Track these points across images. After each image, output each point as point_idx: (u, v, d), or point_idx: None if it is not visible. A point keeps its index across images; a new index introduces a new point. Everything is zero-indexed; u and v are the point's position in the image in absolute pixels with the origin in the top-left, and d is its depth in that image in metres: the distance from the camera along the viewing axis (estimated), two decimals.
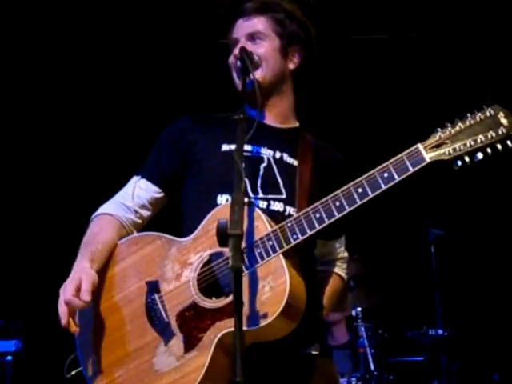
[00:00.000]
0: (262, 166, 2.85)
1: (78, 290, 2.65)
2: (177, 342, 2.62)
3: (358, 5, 6.45)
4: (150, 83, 6.90)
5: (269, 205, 2.77)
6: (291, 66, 3.01)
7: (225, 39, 3.11)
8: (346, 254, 3.17)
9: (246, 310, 2.47)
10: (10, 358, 5.75)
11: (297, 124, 3.08)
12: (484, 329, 7.14)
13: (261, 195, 2.79)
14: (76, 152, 7.02)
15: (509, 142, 2.48)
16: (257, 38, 2.96)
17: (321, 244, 3.02)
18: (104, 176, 6.23)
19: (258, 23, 2.98)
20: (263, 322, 2.46)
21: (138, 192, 2.97)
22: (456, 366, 6.45)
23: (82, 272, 2.70)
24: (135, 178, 3.01)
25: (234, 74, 2.98)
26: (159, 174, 2.98)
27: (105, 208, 2.97)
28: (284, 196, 2.79)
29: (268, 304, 2.47)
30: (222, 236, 2.28)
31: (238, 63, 2.86)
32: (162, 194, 2.98)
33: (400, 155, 2.54)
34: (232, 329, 2.34)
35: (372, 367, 6.02)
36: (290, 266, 2.55)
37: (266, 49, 2.95)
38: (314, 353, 2.80)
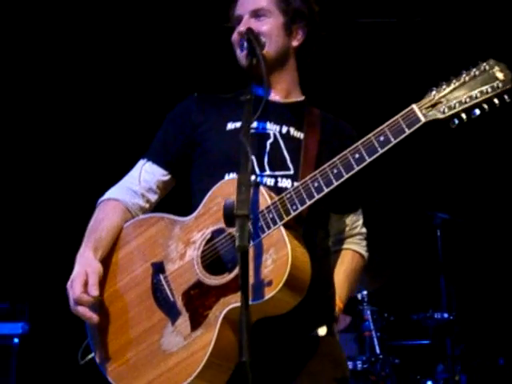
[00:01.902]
0: (269, 142, 2.84)
1: (86, 284, 2.67)
2: (183, 321, 2.63)
3: None
4: (154, 67, 6.89)
5: (276, 182, 2.76)
6: (295, 43, 3.00)
7: (228, 22, 3.10)
8: (364, 230, 3.11)
9: (249, 284, 2.42)
10: (16, 340, 5.77)
11: (302, 97, 3.06)
12: (489, 313, 7.14)
13: (268, 172, 2.77)
14: (83, 136, 7.02)
15: (506, 97, 2.43)
16: (261, 15, 2.94)
17: (336, 220, 3.00)
18: (111, 160, 6.23)
19: (262, 0, 2.96)
20: (267, 295, 2.45)
21: (145, 175, 2.96)
22: (461, 349, 6.46)
23: (87, 265, 2.72)
24: (141, 162, 3.00)
25: (238, 51, 2.96)
26: (165, 156, 2.97)
27: (111, 193, 2.97)
28: (292, 172, 2.77)
29: (271, 277, 2.46)
30: (229, 216, 2.29)
31: (245, 44, 2.86)
32: (168, 177, 2.98)
33: (395, 117, 2.51)
34: (237, 304, 2.37)
35: (377, 350, 6.05)
36: (292, 238, 2.54)
37: (270, 26, 2.93)
38: (320, 334, 2.79)
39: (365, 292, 6.25)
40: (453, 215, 6.58)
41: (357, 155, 2.52)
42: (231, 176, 2.75)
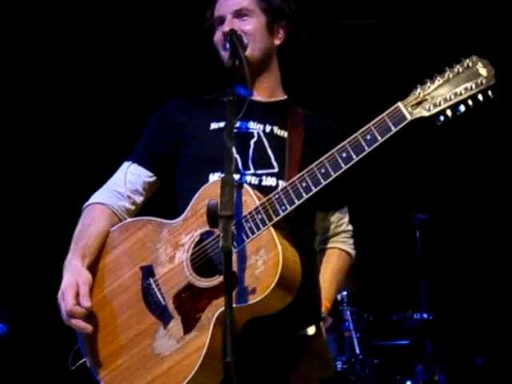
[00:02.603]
0: (253, 141, 2.84)
1: (77, 295, 2.67)
2: (175, 324, 2.62)
3: None
4: (137, 69, 6.87)
5: (261, 180, 2.77)
6: (277, 41, 3.01)
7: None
8: (350, 227, 3.12)
9: (241, 286, 2.48)
10: None
11: (285, 97, 3.07)
12: (468, 313, 7.18)
13: (252, 171, 2.78)
14: (66, 140, 6.99)
15: (489, 93, 2.46)
16: (244, 15, 2.94)
17: (321, 218, 3.01)
18: (95, 163, 6.22)
19: (244, 0, 2.96)
20: (259, 296, 2.45)
21: (130, 177, 2.96)
22: (440, 349, 6.49)
23: (77, 274, 2.71)
24: (126, 164, 3.00)
25: (222, 52, 2.96)
26: (150, 157, 2.98)
27: (96, 197, 2.97)
28: (276, 170, 2.78)
29: (262, 278, 2.47)
30: (213, 217, 2.29)
31: (227, 45, 2.85)
32: (154, 178, 2.98)
33: (381, 116, 2.53)
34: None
35: (357, 351, 6.05)
36: (282, 238, 2.55)
37: (253, 25, 2.93)
38: (309, 333, 2.80)
39: (344, 293, 6.25)
40: (432, 216, 6.61)
41: (344, 154, 2.54)
42: (215, 176, 2.75)
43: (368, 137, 2.52)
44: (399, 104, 2.52)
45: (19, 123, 6.92)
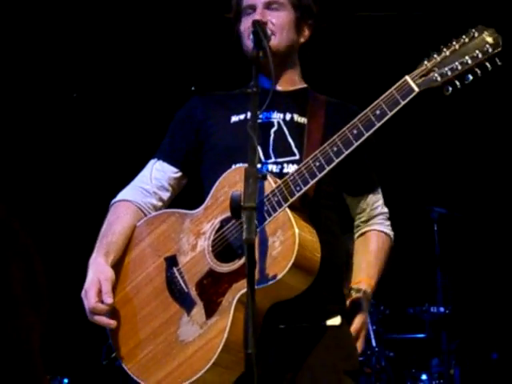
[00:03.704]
0: (273, 130, 2.85)
1: (100, 293, 2.70)
2: (198, 310, 2.64)
3: None
4: (164, 69, 6.90)
5: (282, 168, 2.76)
6: (302, 39, 3.00)
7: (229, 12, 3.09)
8: (385, 210, 3.04)
9: (259, 268, 2.47)
10: None
11: (305, 85, 3.07)
12: (485, 308, 7.16)
13: (273, 159, 2.78)
14: (94, 138, 7.03)
15: (497, 60, 2.45)
16: (275, 7, 2.92)
17: (355, 203, 2.98)
18: (122, 162, 6.23)
19: None
20: (278, 276, 2.45)
21: (156, 174, 2.99)
22: (456, 344, 6.48)
23: (99, 272, 2.74)
24: (152, 161, 3.04)
25: (247, 41, 2.92)
26: (174, 153, 3.00)
27: (123, 194, 3.00)
28: (297, 157, 2.77)
29: (279, 258, 2.47)
30: (236, 208, 2.29)
31: (251, 36, 2.83)
32: (179, 174, 3.00)
33: (390, 90, 2.53)
34: None
35: (373, 343, 6.06)
36: (299, 218, 2.55)
37: (283, 19, 2.91)
38: (333, 324, 2.77)
39: None
40: (450, 210, 6.60)
41: (355, 131, 2.54)
42: (237, 166, 2.76)
43: (377, 112, 2.52)
44: (406, 77, 2.52)
45: (47, 121, 6.94)
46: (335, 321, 2.77)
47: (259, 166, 2.68)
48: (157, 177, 2.99)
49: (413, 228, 6.99)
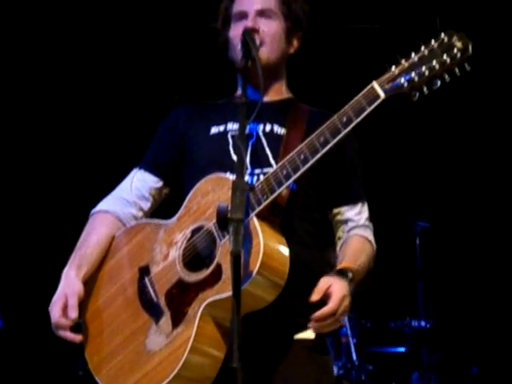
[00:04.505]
0: (251, 141, 2.82)
1: (65, 307, 2.71)
2: (166, 319, 2.64)
3: None
4: (146, 77, 6.87)
5: (258, 179, 2.70)
6: (291, 50, 2.99)
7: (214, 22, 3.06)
8: (369, 224, 2.94)
9: (225, 277, 2.48)
10: None
11: (289, 95, 3.05)
12: (465, 322, 7.17)
13: (250, 171, 2.75)
14: (76, 148, 6.96)
15: (466, 65, 2.40)
16: (267, 16, 2.90)
17: (337, 217, 2.92)
18: (105, 171, 6.18)
19: (272, 2, 2.91)
20: (242, 286, 2.38)
21: (136, 183, 2.98)
22: (437, 358, 6.48)
23: (67, 286, 2.76)
24: (134, 171, 3.03)
25: (237, 48, 2.87)
26: (156, 163, 3.00)
27: (102, 204, 2.99)
28: (274, 168, 2.69)
29: (245, 267, 2.44)
30: (222, 220, 2.26)
31: (239, 44, 2.80)
32: (160, 184, 2.99)
33: (357, 96, 2.50)
34: (214, 297, 2.46)
35: (354, 357, 6.04)
36: (267, 228, 2.52)
37: (275, 28, 2.89)
38: (307, 337, 2.74)
39: None
40: (432, 223, 6.60)
41: (322, 138, 2.52)
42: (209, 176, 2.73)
43: (344, 119, 2.49)
44: (374, 83, 2.49)
45: (28, 131, 6.89)
46: (309, 334, 2.73)
47: (233, 176, 2.61)
48: (137, 186, 2.98)
49: (395, 241, 6.99)
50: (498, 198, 7.20)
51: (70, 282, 2.76)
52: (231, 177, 2.65)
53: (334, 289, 2.56)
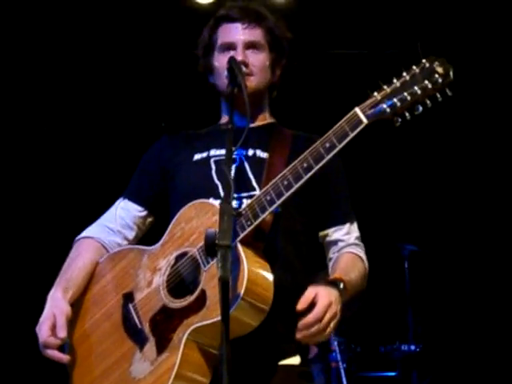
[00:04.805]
0: (234, 166, 2.84)
1: (54, 327, 2.70)
2: (150, 346, 2.63)
3: (338, 20, 6.49)
4: (133, 106, 6.89)
5: (241, 203, 2.73)
6: (274, 79, 3.04)
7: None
8: (360, 243, 2.92)
9: (209, 303, 2.48)
10: None
11: (272, 120, 3.09)
12: (455, 346, 7.16)
13: (233, 195, 2.70)
14: (64, 174, 6.96)
15: (447, 90, 2.41)
16: (255, 48, 2.95)
17: (326, 239, 2.92)
18: (90, 200, 6.18)
19: (259, 33, 2.97)
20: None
21: (120, 212, 3.01)
22: (427, 382, 6.46)
23: (54, 306, 2.75)
24: (119, 200, 3.06)
25: (224, 78, 2.91)
26: (140, 192, 3.03)
27: (87, 231, 3.01)
28: (257, 192, 2.72)
29: (230, 293, 2.38)
30: (210, 246, 2.26)
31: (225, 73, 2.85)
32: (144, 213, 3.02)
33: (340, 122, 2.51)
34: (199, 324, 2.47)
35: (344, 382, 6.01)
36: (251, 254, 2.53)
37: (263, 60, 2.96)
38: (292, 363, 2.74)
39: None
40: (421, 247, 6.61)
41: (305, 164, 2.52)
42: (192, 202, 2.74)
43: (327, 145, 2.50)
44: (356, 109, 2.50)
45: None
46: (294, 360, 2.74)
47: (218, 202, 2.62)
48: (121, 215, 3.00)
49: (383, 265, 6.98)
50: (486, 220, 7.22)
51: (58, 303, 2.76)
52: (215, 202, 2.67)
53: (319, 296, 2.52)
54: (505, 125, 6.97)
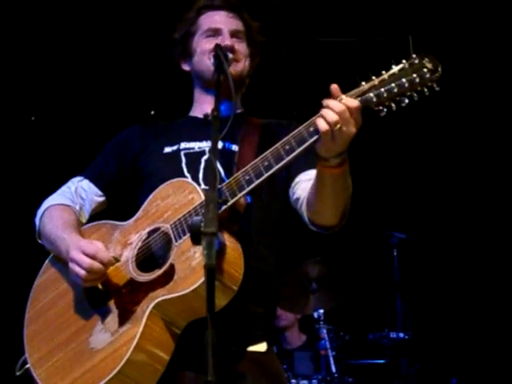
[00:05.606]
0: (203, 158, 2.86)
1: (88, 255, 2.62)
2: (112, 318, 2.63)
3: (327, 8, 6.48)
4: (123, 93, 6.88)
5: None
6: (250, 71, 3.08)
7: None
8: None
9: (177, 277, 2.48)
10: None
11: (240, 110, 3.10)
12: (444, 333, 7.19)
13: (203, 187, 2.72)
14: (49, 163, 6.97)
15: (435, 85, 2.43)
16: (238, 37, 3.02)
17: (295, 186, 2.87)
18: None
19: (241, 24, 3.05)
20: (191, 286, 2.41)
21: (81, 192, 3.02)
22: (416, 369, 6.48)
23: (76, 242, 2.69)
24: (78, 178, 3.06)
25: (207, 62, 2.95)
26: (103, 177, 3.04)
27: (53, 199, 3.00)
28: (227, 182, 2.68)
29: (198, 268, 2.44)
30: (196, 233, 2.25)
31: (210, 58, 2.87)
32: (102, 198, 3.04)
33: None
34: (165, 297, 2.46)
35: (333, 369, 6.04)
36: (224, 232, 2.51)
37: (245, 49, 3.03)
38: (258, 350, 2.75)
39: (321, 311, 6.24)
40: (409, 235, 6.62)
41: (287, 147, 2.49)
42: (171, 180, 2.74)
43: (311, 129, 2.48)
44: (342, 96, 2.50)
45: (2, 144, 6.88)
46: (261, 347, 2.75)
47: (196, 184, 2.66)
48: (81, 195, 3.02)
49: (372, 253, 7.01)
50: (475, 208, 7.25)
51: (79, 240, 2.72)
52: (193, 181, 2.68)
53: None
54: (493, 115, 6.99)
